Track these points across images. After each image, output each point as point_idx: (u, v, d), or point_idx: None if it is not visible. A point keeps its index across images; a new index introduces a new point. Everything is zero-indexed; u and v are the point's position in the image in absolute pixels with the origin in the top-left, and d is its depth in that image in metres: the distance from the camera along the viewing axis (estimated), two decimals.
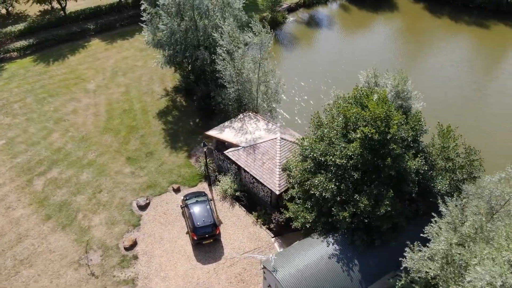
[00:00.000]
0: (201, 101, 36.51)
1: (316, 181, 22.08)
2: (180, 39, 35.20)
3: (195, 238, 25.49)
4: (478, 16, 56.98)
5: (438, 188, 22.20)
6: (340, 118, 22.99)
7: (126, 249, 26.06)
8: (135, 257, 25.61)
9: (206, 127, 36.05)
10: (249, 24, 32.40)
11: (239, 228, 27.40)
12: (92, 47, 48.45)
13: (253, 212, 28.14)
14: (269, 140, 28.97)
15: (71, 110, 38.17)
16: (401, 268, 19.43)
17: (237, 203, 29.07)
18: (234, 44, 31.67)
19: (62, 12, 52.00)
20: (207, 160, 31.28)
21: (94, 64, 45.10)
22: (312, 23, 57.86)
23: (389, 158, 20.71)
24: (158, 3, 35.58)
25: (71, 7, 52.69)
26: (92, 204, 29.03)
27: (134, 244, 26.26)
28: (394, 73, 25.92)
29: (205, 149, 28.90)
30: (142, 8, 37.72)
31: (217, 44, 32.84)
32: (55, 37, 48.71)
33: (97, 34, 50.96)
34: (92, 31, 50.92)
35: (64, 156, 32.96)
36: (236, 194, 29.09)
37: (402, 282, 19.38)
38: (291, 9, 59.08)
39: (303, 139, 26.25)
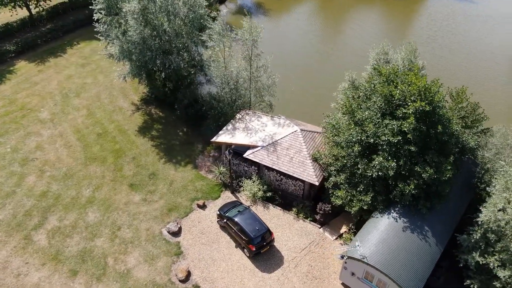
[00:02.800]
0: (187, 109, 34.25)
1: (376, 162, 22.60)
2: (153, 46, 32.38)
3: (254, 249, 24.39)
4: None
5: (471, 145, 24.41)
6: (379, 99, 23.63)
7: (182, 281, 23.85)
8: (197, 287, 23.61)
9: (198, 134, 34.37)
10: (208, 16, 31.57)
11: (285, 228, 26.91)
12: (21, 71, 41.84)
13: (293, 209, 27.78)
14: (288, 134, 28.63)
15: (34, 147, 32.81)
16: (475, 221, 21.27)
17: (270, 204, 28.40)
18: (224, 43, 30.24)
19: None
20: (221, 167, 29.85)
21: (35, 90, 39.13)
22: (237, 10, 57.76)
23: (439, 125, 22.11)
24: (118, 11, 32.12)
25: None
26: (117, 244, 25.77)
27: (188, 274, 24.12)
28: (402, 47, 27.38)
29: (230, 157, 27.45)
30: (95, 18, 33.68)
31: (201, 43, 31.14)
32: None
33: (20, 55, 44.16)
34: (12, 52, 43.79)
35: (55, 200, 28.44)
36: (267, 195, 28.35)
37: (478, 235, 21.15)
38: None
39: (333, 126, 26.51)
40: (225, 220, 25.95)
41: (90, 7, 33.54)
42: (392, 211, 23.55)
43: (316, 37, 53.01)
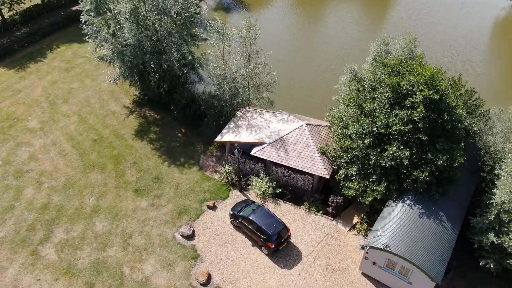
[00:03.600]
0: (185, 109, 33.62)
1: (390, 152, 22.97)
2: (147, 47, 31.56)
3: (272, 246, 24.35)
4: None
5: (475, 130, 25.23)
6: (386, 90, 23.98)
7: (204, 285, 23.51)
8: None
9: (197, 135, 33.89)
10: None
11: (298, 223, 26.99)
12: (0, 79, 39.76)
13: (304, 203, 27.89)
14: (294, 129, 28.65)
15: (27, 158, 31.37)
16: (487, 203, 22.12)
17: (280, 200, 28.41)
18: (224, 41, 29.83)
19: None
20: (227, 166, 29.57)
21: (19, 98, 37.36)
22: (217, 6, 57.14)
23: (446, 113, 22.72)
24: (107, 10, 31.03)
25: None
26: (131, 253, 25.09)
27: (209, 277, 23.82)
28: (402, 37, 27.87)
29: (239, 156, 27.19)
30: (82, 20, 32.48)
31: (192, 41, 30.75)
32: None
33: None
34: None
35: (58, 212, 27.35)
36: (277, 191, 28.32)
37: (493, 216, 21.98)
38: None
39: (340, 119, 26.75)
40: (240, 220, 25.75)
41: (77, 7, 32.30)
42: (406, 198, 24.06)
43: (299, 31, 53.21)
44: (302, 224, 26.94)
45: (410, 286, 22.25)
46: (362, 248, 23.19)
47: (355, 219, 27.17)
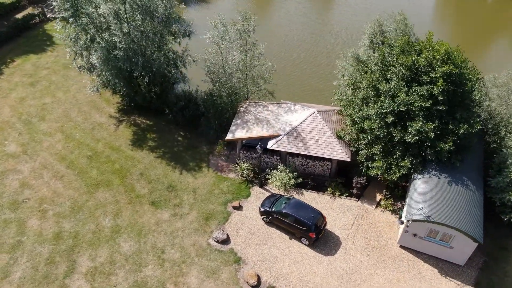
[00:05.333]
0: (183, 111, 32.15)
1: (415, 128, 23.82)
2: (137, 49, 29.66)
3: (314, 236, 24.44)
4: None
5: (477, 97, 26.91)
6: (400, 69, 24.73)
7: (255, 286, 23.04)
8: (272, 287, 23.08)
9: (198, 136, 32.76)
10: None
11: (326, 208, 27.25)
12: None
13: (328, 189, 28.19)
14: (307, 117, 28.67)
15: (18, 186, 28.33)
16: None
17: (303, 189, 28.46)
18: (222, 36, 28.80)
19: None
20: (243, 164, 29.00)
21: None
22: None
23: (468, 83, 24.06)
24: (85, 16, 28.55)
25: None
26: (169, 268, 23.84)
27: (259, 278, 23.39)
28: (394, 17, 28.76)
29: (261, 152, 26.65)
30: (57, 27, 29.70)
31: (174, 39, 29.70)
32: None
33: None
34: None
35: (75, 240, 25.15)
36: (298, 181, 28.32)
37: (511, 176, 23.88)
38: None
39: (353, 102, 27.18)
40: (274, 215, 25.44)
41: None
42: (430, 170, 25.19)
43: (287, 21, 52.86)
44: (331, 209, 27.27)
45: (451, 251, 23.58)
46: (402, 223, 24.04)
47: (378, 197, 28.04)
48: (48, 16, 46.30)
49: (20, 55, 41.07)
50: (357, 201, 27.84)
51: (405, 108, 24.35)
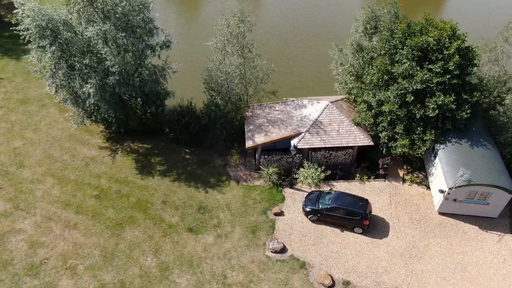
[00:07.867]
0: (188, 128, 30.14)
1: (438, 102, 25.34)
2: (131, 71, 27.16)
3: (368, 223, 24.93)
4: None
5: (475, 62, 28.99)
6: (409, 50, 26.01)
7: (331, 286, 22.87)
8: (348, 282, 23.06)
9: (206, 150, 31.03)
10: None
11: (361, 194, 27.68)
12: None
13: (357, 175, 28.77)
14: (323, 110, 28.80)
15: (28, 248, 24.43)
16: None
17: (332, 181, 28.72)
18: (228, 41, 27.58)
19: None
20: (270, 168, 28.33)
21: None
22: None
23: (475, 58, 26.13)
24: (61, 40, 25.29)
25: None
26: None
27: (331, 277, 23.20)
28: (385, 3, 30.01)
29: (295, 153, 26.19)
30: (32, 59, 26.04)
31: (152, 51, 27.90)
32: None
33: None
34: None
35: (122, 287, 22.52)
36: (328, 173, 28.50)
37: None
38: None
39: (361, 88, 27.93)
40: (324, 212, 25.34)
41: None
42: (450, 138, 27.03)
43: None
44: (365, 193, 27.93)
45: (488, 206, 25.74)
46: (441, 192, 25.52)
47: (400, 172, 29.42)
48: None
49: None
50: (384, 181, 28.90)
51: (423, 86, 25.75)
